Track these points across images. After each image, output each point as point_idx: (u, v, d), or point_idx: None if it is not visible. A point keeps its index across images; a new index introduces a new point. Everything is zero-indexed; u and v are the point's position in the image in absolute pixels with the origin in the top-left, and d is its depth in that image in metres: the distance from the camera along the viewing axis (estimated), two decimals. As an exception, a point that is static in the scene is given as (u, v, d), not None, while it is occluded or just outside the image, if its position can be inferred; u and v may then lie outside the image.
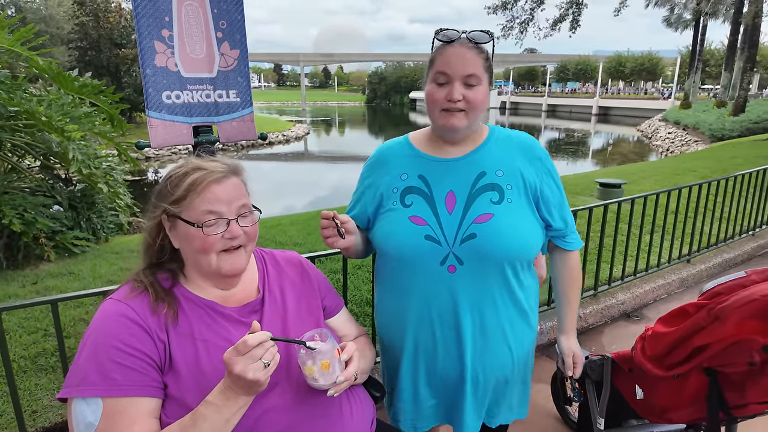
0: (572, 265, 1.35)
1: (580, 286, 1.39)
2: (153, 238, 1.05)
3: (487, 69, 1.17)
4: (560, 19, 18.19)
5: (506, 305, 1.22)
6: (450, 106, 1.15)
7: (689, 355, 1.20)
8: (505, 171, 1.21)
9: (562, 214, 1.28)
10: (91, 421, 0.87)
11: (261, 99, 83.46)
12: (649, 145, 23.21)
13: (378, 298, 1.38)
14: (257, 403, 0.98)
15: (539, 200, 1.23)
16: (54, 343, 2.61)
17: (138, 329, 0.94)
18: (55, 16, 31.13)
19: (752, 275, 1.11)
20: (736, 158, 9.09)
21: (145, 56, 1.90)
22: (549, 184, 1.25)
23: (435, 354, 1.25)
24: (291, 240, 4.32)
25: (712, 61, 41.02)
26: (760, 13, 16.33)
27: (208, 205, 0.99)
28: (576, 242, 1.33)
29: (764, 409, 1.17)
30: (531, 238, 1.20)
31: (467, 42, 1.15)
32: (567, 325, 1.39)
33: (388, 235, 1.23)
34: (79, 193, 4.71)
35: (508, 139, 1.27)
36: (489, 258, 1.16)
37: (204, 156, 1.09)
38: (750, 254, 4.56)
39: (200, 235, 0.98)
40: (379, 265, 1.34)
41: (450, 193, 1.20)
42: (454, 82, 1.14)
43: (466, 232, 1.16)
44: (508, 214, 1.17)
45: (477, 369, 1.24)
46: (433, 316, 1.22)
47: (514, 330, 1.25)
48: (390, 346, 1.35)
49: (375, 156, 1.35)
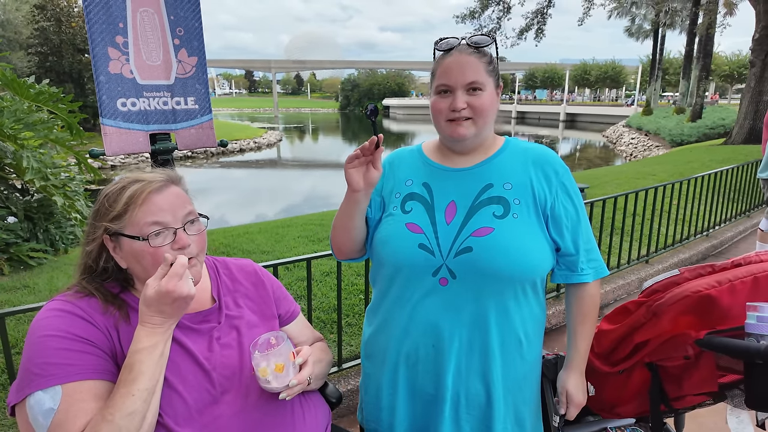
0: (583, 297, 1.21)
1: (592, 321, 1.23)
2: (95, 261, 1.01)
3: (491, 72, 1.13)
4: (526, 28, 18.69)
5: (501, 329, 1.12)
6: (454, 115, 1.11)
7: (632, 351, 1.25)
8: (514, 184, 1.14)
9: (575, 238, 1.16)
10: (50, 407, 0.85)
11: (232, 106, 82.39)
12: (614, 150, 24.00)
13: (371, 304, 1.33)
14: (208, 411, 0.98)
15: (549, 218, 1.14)
16: (2, 360, 2.50)
17: (85, 323, 0.93)
18: (13, 20, 29.98)
19: (685, 273, 1.17)
20: (692, 162, 9.50)
21: (99, 63, 1.86)
22: (564, 202, 1.15)
23: (416, 368, 1.18)
24: (259, 248, 4.27)
25: (672, 69, 42.87)
26: (713, 24, 17.17)
27: (151, 216, 0.96)
28: (591, 273, 1.19)
29: (700, 400, 1.23)
30: (535, 258, 1.10)
31: (466, 48, 1.12)
32: (569, 360, 1.25)
33: (383, 240, 1.19)
34: (36, 204, 4.55)
35: (523, 152, 1.20)
36: (484, 275, 1.08)
37: (141, 168, 1.07)
38: (704, 254, 4.77)
39: (147, 249, 0.96)
40: (373, 271, 1.29)
41: (451, 203, 1.15)
42: (456, 90, 1.10)
43: (462, 245, 1.10)
44: (511, 230, 1.09)
45: (459, 390, 1.15)
46: (419, 329, 1.15)
47: (504, 357, 1.14)
48: (375, 352, 1.27)
49: (386, 160, 1.30)
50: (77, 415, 0.85)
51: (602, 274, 1.22)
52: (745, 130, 12.78)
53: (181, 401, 0.95)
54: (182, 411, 0.95)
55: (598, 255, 1.22)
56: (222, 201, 12.65)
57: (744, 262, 1.15)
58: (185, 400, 0.95)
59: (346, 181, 1.12)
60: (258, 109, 77.59)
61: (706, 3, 17.35)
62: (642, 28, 31.72)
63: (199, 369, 0.99)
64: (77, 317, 0.93)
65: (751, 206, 5.89)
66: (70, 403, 0.86)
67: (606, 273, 1.23)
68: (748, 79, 12.72)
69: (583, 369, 1.26)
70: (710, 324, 1.11)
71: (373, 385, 1.28)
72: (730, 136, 13.61)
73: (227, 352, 1.04)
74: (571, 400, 1.25)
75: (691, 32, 21.45)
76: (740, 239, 5.34)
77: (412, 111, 65.25)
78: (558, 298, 3.42)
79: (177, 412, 0.94)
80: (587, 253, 1.19)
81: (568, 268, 1.20)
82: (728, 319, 1.09)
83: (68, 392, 0.86)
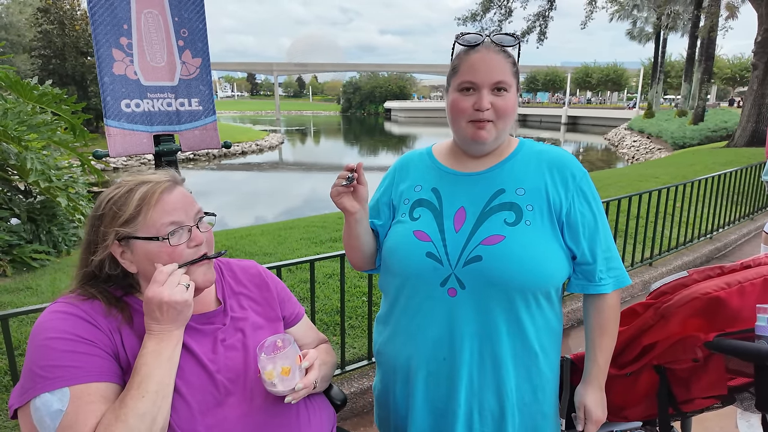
0: (602, 309, 1.14)
1: (612, 334, 1.16)
2: (99, 269, 0.99)
3: (515, 74, 1.08)
4: (528, 31, 18.70)
5: (513, 341, 1.07)
6: (479, 116, 1.05)
7: (640, 353, 1.23)
8: (527, 189, 1.09)
9: (592, 246, 1.10)
10: (58, 408, 0.85)
11: (234, 108, 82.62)
12: (615, 153, 23.99)
13: (380, 312, 1.29)
14: (211, 413, 0.97)
15: (564, 225, 1.08)
16: (6, 362, 2.49)
17: (89, 325, 0.92)
18: (16, 23, 30.15)
19: (693, 274, 1.16)
20: (694, 165, 9.49)
21: (103, 64, 1.86)
22: (581, 207, 1.09)
23: (428, 381, 1.14)
24: (261, 250, 4.26)
25: (673, 72, 42.84)
26: (715, 28, 17.19)
27: (167, 216, 0.96)
28: (611, 283, 1.12)
29: (709, 403, 1.22)
30: (548, 267, 1.05)
31: (493, 46, 1.06)
32: (587, 374, 1.18)
33: (391, 249, 1.16)
34: (38, 205, 4.55)
35: (538, 155, 1.14)
36: (494, 285, 1.03)
37: (143, 171, 1.06)
38: (708, 256, 4.75)
39: (166, 249, 0.95)
40: (381, 279, 1.25)
41: (461, 210, 1.10)
42: (482, 89, 1.04)
43: (471, 254, 1.05)
44: (523, 237, 1.04)
45: (472, 404, 1.10)
46: (428, 342, 1.11)
47: (518, 370, 1.09)
48: (387, 363, 1.24)
49: (396, 164, 1.27)
50: (87, 417, 0.85)
51: (623, 283, 1.14)
52: (748, 133, 12.77)
53: (184, 403, 0.94)
54: (185, 413, 0.94)
55: (619, 263, 1.15)
56: (224, 203, 12.66)
57: (753, 263, 1.14)
58: (188, 402, 0.95)
59: (340, 209, 1.12)
60: (260, 112, 77.84)
61: (707, 6, 17.36)
62: (644, 31, 31.73)
63: (203, 371, 0.99)
64: (81, 319, 0.92)
65: (754, 209, 5.87)
66: (79, 405, 0.85)
67: (628, 282, 1.15)
68: (751, 82, 12.72)
69: (602, 383, 1.18)
70: (719, 326, 1.10)
71: (388, 395, 1.25)
72: (732, 138, 13.60)
73: (232, 354, 1.04)
74: (590, 417, 1.18)
75: (693, 35, 21.48)
76: (744, 242, 5.32)
77: (413, 114, 65.40)
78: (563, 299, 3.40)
79: (180, 414, 0.93)
80: (607, 262, 1.12)
81: (585, 277, 1.13)
82: (738, 322, 1.08)
83: (76, 394, 0.86)
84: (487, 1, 17.82)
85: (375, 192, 1.30)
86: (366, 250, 1.23)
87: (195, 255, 1.00)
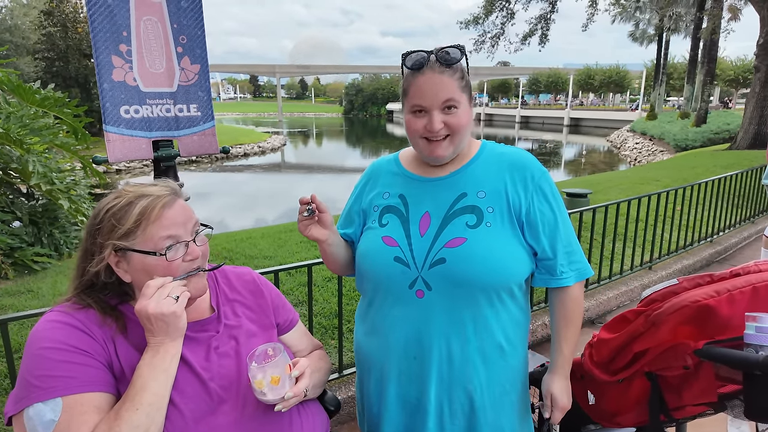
0: (565, 301, 1.21)
1: (576, 324, 1.23)
2: (96, 278, 1.00)
3: (465, 88, 1.11)
4: (530, 33, 18.73)
5: (480, 338, 1.13)
6: (432, 135, 1.10)
7: (631, 360, 1.24)
8: (488, 192, 1.14)
9: (553, 242, 1.15)
10: (51, 418, 0.86)
11: (237, 110, 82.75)
12: (618, 155, 23.92)
13: (359, 309, 1.35)
14: (204, 421, 0.98)
15: (524, 225, 1.13)
16: (5, 365, 2.51)
17: (83, 335, 0.93)
18: (21, 26, 30.34)
19: (683, 282, 1.16)
20: (696, 168, 9.47)
21: (102, 71, 1.89)
22: (540, 206, 1.14)
23: (400, 379, 1.19)
24: (261, 253, 4.28)
25: (676, 74, 42.72)
26: (717, 29, 17.14)
27: (165, 231, 0.97)
28: (573, 276, 1.18)
29: (701, 410, 1.22)
30: (509, 266, 1.10)
31: (438, 66, 1.08)
32: (553, 364, 1.26)
33: (362, 254, 1.22)
34: (40, 208, 4.58)
35: (499, 157, 1.19)
36: (459, 285, 1.09)
37: (141, 172, 1.08)
38: (708, 260, 4.74)
39: (163, 263, 0.96)
40: (357, 281, 1.31)
41: (426, 215, 1.15)
42: (432, 111, 1.08)
43: (435, 257, 1.10)
44: (484, 239, 1.09)
45: (442, 400, 1.16)
46: (399, 342, 1.17)
47: (486, 365, 1.15)
48: (363, 360, 1.30)
49: (366, 172, 1.33)
50: (80, 427, 0.86)
51: (585, 275, 1.20)
52: (750, 135, 12.73)
53: (177, 412, 0.95)
54: (179, 422, 0.95)
55: (581, 257, 1.20)
56: (225, 205, 12.69)
57: (743, 272, 1.14)
58: (181, 411, 0.96)
59: (311, 239, 1.19)
60: (262, 114, 77.92)
61: (710, 8, 17.33)
62: (646, 32, 31.66)
63: (196, 379, 1.00)
64: (75, 329, 0.93)
65: (755, 212, 5.86)
66: (72, 416, 0.86)
67: (590, 274, 1.22)
68: (753, 84, 12.69)
69: (567, 373, 1.25)
70: (709, 334, 1.11)
71: (363, 392, 1.31)
72: (734, 141, 13.55)
73: (225, 362, 1.05)
74: (556, 404, 1.25)
75: (696, 37, 21.43)
76: (745, 245, 5.31)
77: (415, 115, 65.30)
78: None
79: (174, 423, 0.94)
80: (568, 256, 1.17)
81: (548, 272, 1.18)
82: (727, 329, 1.08)
83: (69, 404, 0.87)
84: (489, 4, 17.84)
85: (347, 201, 1.36)
86: (343, 261, 1.31)
87: (190, 268, 1.01)
